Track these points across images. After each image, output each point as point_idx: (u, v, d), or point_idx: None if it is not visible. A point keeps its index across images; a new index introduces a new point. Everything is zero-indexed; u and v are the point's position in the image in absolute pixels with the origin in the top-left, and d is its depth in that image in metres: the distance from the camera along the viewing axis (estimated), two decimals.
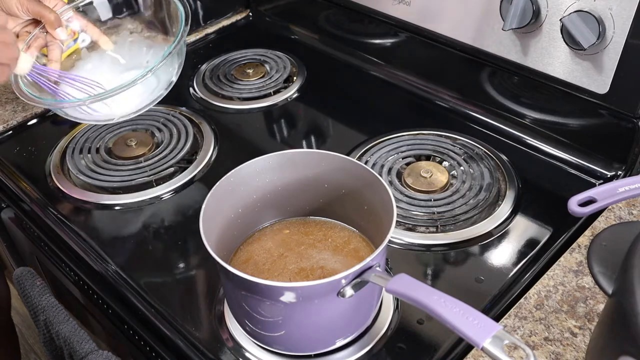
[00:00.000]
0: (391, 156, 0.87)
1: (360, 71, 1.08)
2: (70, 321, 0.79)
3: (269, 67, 1.10)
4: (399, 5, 0.97)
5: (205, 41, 1.20)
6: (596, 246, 0.72)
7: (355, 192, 0.67)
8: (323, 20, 1.14)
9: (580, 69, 0.79)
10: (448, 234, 0.76)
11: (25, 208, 0.91)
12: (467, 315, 0.48)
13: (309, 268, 0.66)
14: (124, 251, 0.78)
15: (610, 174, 0.82)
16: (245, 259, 0.68)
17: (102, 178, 0.87)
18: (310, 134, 0.97)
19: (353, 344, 0.64)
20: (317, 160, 0.68)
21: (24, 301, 0.87)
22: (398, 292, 0.53)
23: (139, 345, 0.75)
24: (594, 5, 0.75)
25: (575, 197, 0.62)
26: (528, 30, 0.82)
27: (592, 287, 0.68)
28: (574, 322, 0.65)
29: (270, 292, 0.56)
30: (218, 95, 1.05)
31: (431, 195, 0.81)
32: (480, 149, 0.88)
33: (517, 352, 0.61)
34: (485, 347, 0.46)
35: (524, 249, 0.74)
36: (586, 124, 0.84)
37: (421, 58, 1.01)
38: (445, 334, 0.65)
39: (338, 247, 0.69)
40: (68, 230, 0.82)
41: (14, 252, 1.12)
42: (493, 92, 0.93)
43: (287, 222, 0.73)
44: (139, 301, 0.72)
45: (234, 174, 0.66)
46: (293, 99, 1.04)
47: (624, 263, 0.51)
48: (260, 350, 0.65)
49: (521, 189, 0.82)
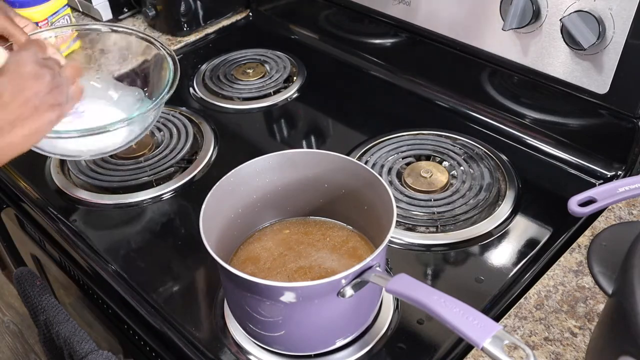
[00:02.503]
0: (391, 156, 0.87)
1: (360, 71, 1.08)
2: (70, 321, 0.80)
3: (269, 67, 1.10)
4: (399, 5, 0.97)
5: (205, 41, 1.20)
6: (596, 246, 0.72)
7: (355, 192, 0.67)
8: (323, 20, 1.14)
9: (580, 69, 0.79)
10: (448, 234, 0.76)
11: (25, 208, 0.91)
12: (467, 315, 0.48)
13: (308, 266, 0.66)
14: (124, 251, 0.78)
15: (610, 174, 0.82)
16: (245, 258, 0.68)
17: (102, 178, 0.87)
18: (310, 134, 0.97)
19: (353, 344, 0.64)
20: (317, 160, 0.68)
21: (24, 301, 0.87)
22: (398, 292, 0.53)
23: (139, 345, 0.75)
24: (594, 5, 0.75)
25: (575, 197, 0.62)
26: (528, 30, 0.82)
27: (592, 287, 0.68)
28: (574, 322, 0.65)
29: (270, 292, 0.56)
30: (218, 95, 1.05)
31: (431, 195, 0.81)
32: (480, 149, 0.88)
33: (517, 352, 0.61)
34: (485, 347, 0.46)
35: (524, 249, 0.74)
36: (586, 124, 0.84)
37: (421, 58, 1.01)
38: (445, 334, 0.65)
39: (336, 246, 0.69)
40: (68, 231, 0.82)
41: (14, 252, 1.12)
42: (493, 92, 0.93)
43: (287, 222, 0.73)
44: (139, 301, 0.72)
45: (234, 174, 0.66)
46: (293, 99, 1.04)
47: (624, 263, 0.51)
48: (260, 350, 0.65)
49: (521, 189, 0.82)
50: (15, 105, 0.61)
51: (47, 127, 0.64)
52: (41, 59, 0.64)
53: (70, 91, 0.67)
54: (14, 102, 0.61)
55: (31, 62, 0.63)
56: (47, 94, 0.63)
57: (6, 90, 0.61)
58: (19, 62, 0.63)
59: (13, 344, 1.69)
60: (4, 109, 0.60)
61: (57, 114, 0.65)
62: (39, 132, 0.63)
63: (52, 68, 0.65)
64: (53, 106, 0.64)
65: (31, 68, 0.62)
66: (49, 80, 0.63)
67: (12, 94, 0.61)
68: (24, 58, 0.63)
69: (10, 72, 0.62)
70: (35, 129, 0.63)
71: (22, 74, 0.62)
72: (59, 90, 0.65)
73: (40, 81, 0.63)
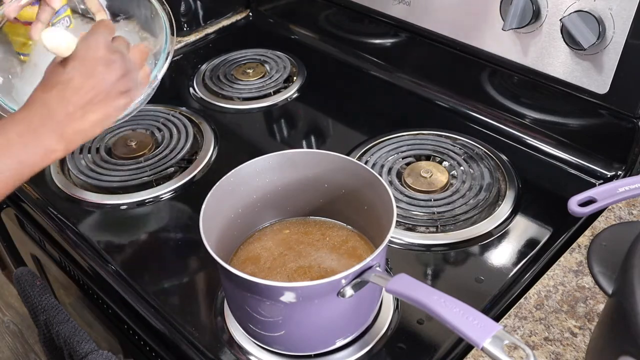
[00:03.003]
0: (391, 156, 0.87)
1: (360, 71, 1.08)
2: (70, 321, 0.80)
3: (269, 67, 1.10)
4: (399, 5, 0.97)
5: (205, 41, 1.20)
6: (596, 246, 0.72)
7: (355, 192, 0.67)
8: (323, 20, 1.14)
9: (580, 69, 0.79)
10: (448, 234, 0.76)
11: (25, 208, 0.91)
12: (467, 315, 0.48)
13: (307, 266, 0.66)
14: (124, 251, 0.78)
15: (610, 174, 0.82)
16: (245, 258, 0.68)
17: (102, 178, 0.87)
18: (310, 134, 0.97)
19: (353, 344, 0.64)
20: (317, 160, 0.68)
21: (24, 301, 0.87)
22: (398, 292, 0.53)
23: (139, 345, 0.75)
24: (594, 5, 0.75)
25: (575, 197, 0.62)
26: (528, 30, 0.82)
27: (592, 287, 0.68)
28: (574, 322, 0.65)
29: (270, 292, 0.56)
30: (218, 95, 1.05)
31: (431, 195, 0.81)
32: (480, 149, 0.88)
33: (517, 352, 0.61)
34: (485, 347, 0.46)
35: (524, 249, 0.74)
36: (586, 124, 0.84)
37: (421, 58, 1.01)
38: (445, 334, 0.65)
39: (335, 245, 0.69)
40: (68, 230, 0.82)
41: (14, 252, 1.12)
42: (493, 92, 0.93)
43: (287, 222, 0.73)
44: (139, 301, 0.72)
45: (234, 174, 0.66)
46: (293, 99, 1.04)
47: (624, 263, 0.51)
48: (260, 350, 0.65)
49: (521, 189, 0.82)
50: (86, 90, 0.60)
51: (117, 113, 0.64)
52: (111, 43, 0.63)
53: (139, 76, 0.67)
54: (84, 87, 0.60)
55: (102, 46, 0.62)
56: (118, 80, 0.62)
57: (77, 75, 0.60)
58: (90, 46, 0.61)
59: (13, 344, 1.69)
60: (75, 94, 0.59)
61: (126, 100, 0.64)
62: (109, 117, 0.63)
63: (122, 52, 0.63)
64: (123, 92, 0.63)
65: (103, 53, 0.61)
66: (120, 65, 0.62)
67: (82, 78, 0.60)
68: (95, 42, 0.62)
69: (81, 57, 0.61)
70: (105, 115, 0.62)
71: (93, 59, 0.61)
72: (129, 76, 0.64)
73: (112, 67, 0.62)
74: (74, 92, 0.59)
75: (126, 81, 0.63)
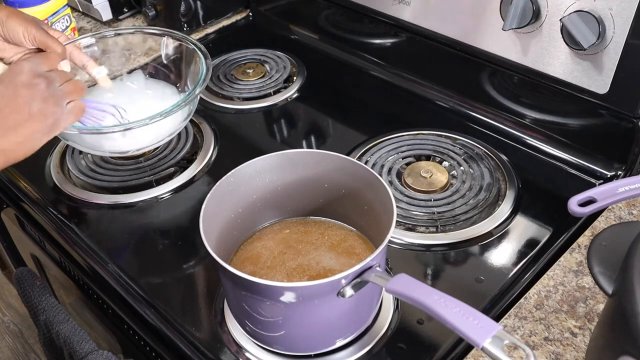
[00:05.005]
0: (391, 156, 0.87)
1: (360, 71, 1.08)
2: (70, 321, 0.80)
3: (269, 67, 1.10)
4: (398, 5, 0.97)
5: (205, 41, 1.20)
6: (596, 246, 0.72)
7: (355, 192, 0.67)
8: (323, 20, 1.14)
9: (580, 69, 0.79)
10: (448, 234, 0.76)
11: (25, 208, 0.91)
12: (467, 315, 0.48)
13: (306, 264, 0.66)
14: (124, 251, 0.78)
15: (610, 174, 0.82)
16: (245, 258, 0.68)
17: (102, 178, 0.88)
18: (310, 134, 0.97)
19: (353, 344, 0.64)
20: (317, 160, 0.68)
21: (24, 301, 0.87)
22: (398, 292, 0.53)
23: (139, 345, 0.75)
24: (594, 5, 0.75)
25: (575, 197, 0.62)
26: (528, 30, 0.82)
27: (592, 287, 0.68)
28: (574, 322, 0.65)
29: (270, 292, 0.56)
30: (218, 95, 1.05)
31: (431, 195, 0.81)
32: (480, 149, 0.88)
33: (517, 352, 0.61)
34: (485, 347, 0.46)
35: (524, 249, 0.74)
36: (586, 124, 0.84)
37: (421, 58, 1.01)
38: (445, 334, 0.65)
39: (334, 244, 0.69)
40: (68, 230, 0.82)
41: (14, 252, 1.12)
42: (493, 92, 0.93)
43: (287, 222, 0.73)
44: (139, 301, 0.72)
45: (234, 174, 0.66)
46: (293, 99, 1.04)
47: (624, 263, 0.51)
48: (260, 350, 0.65)
49: (521, 189, 0.82)
50: (8, 112, 0.63)
51: (41, 137, 0.66)
52: (40, 70, 0.66)
53: (70, 105, 0.69)
54: (6, 109, 0.63)
55: (27, 71, 0.65)
56: (41, 102, 0.65)
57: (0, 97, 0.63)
58: (15, 72, 0.65)
59: (13, 344, 1.69)
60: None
61: (50, 124, 0.66)
62: (32, 140, 0.65)
63: (48, 78, 0.66)
64: (46, 115, 0.65)
65: (25, 77, 0.64)
66: (43, 89, 0.65)
67: (5, 101, 0.63)
68: (20, 68, 0.65)
69: (6, 81, 0.64)
70: (27, 136, 0.64)
71: (16, 83, 0.64)
72: (53, 100, 0.66)
73: (34, 90, 0.64)
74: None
75: (49, 104, 0.66)
